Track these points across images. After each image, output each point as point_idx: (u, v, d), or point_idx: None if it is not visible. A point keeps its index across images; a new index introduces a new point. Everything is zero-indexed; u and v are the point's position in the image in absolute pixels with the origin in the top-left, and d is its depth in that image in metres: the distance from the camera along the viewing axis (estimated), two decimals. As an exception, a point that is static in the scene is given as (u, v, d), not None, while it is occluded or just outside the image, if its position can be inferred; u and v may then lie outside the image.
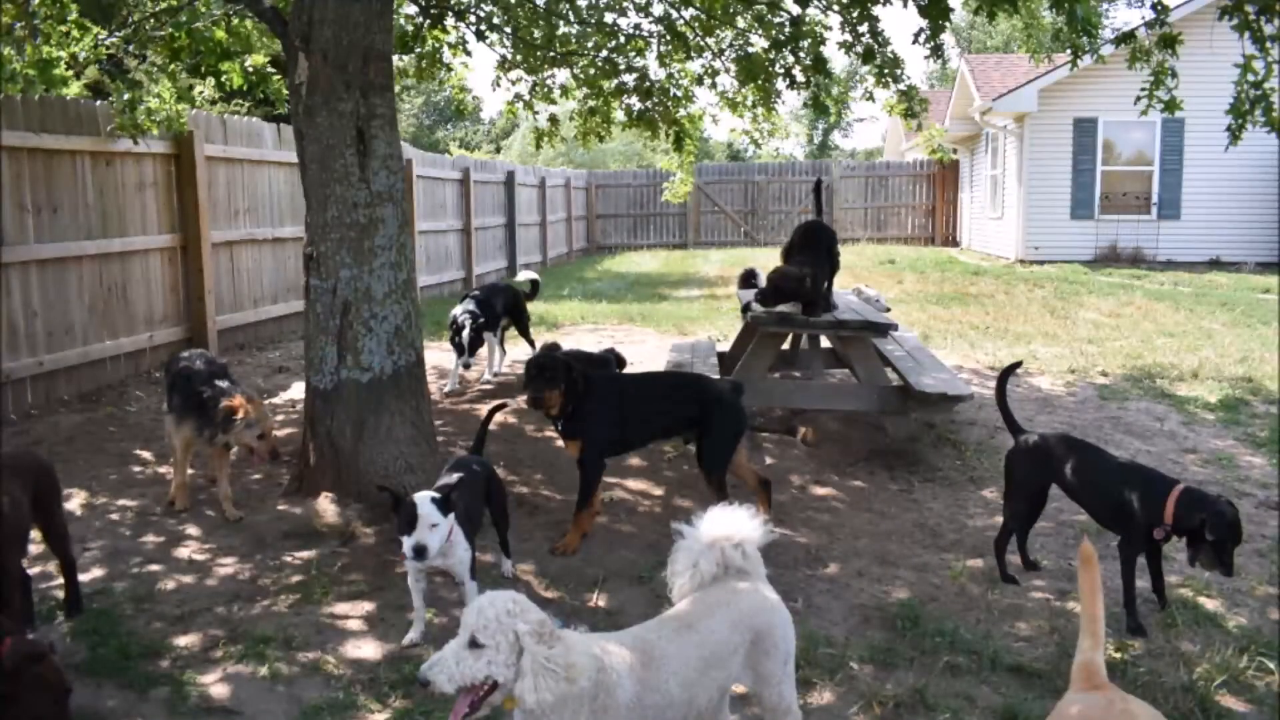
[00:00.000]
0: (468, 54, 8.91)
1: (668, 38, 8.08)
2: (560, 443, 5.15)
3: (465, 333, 7.63)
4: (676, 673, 2.49)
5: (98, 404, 7.24)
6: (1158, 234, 18.30)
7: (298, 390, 7.39)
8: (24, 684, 2.67)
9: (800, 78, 7.36)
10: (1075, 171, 18.64)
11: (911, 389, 5.98)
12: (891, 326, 6.30)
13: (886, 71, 6.69)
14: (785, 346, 7.59)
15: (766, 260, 12.29)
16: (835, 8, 6.67)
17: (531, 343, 8.66)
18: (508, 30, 8.44)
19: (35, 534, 3.80)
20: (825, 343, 7.68)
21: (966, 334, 10.50)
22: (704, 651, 2.55)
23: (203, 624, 3.86)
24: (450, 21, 8.34)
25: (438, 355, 8.88)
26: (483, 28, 8.30)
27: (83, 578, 4.12)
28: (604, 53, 8.50)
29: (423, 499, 3.49)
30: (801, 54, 7.14)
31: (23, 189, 6.85)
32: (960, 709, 3.27)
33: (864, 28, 6.43)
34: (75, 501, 5.16)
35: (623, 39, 8.37)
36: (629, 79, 8.55)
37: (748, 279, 8.48)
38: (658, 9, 8.14)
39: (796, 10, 6.88)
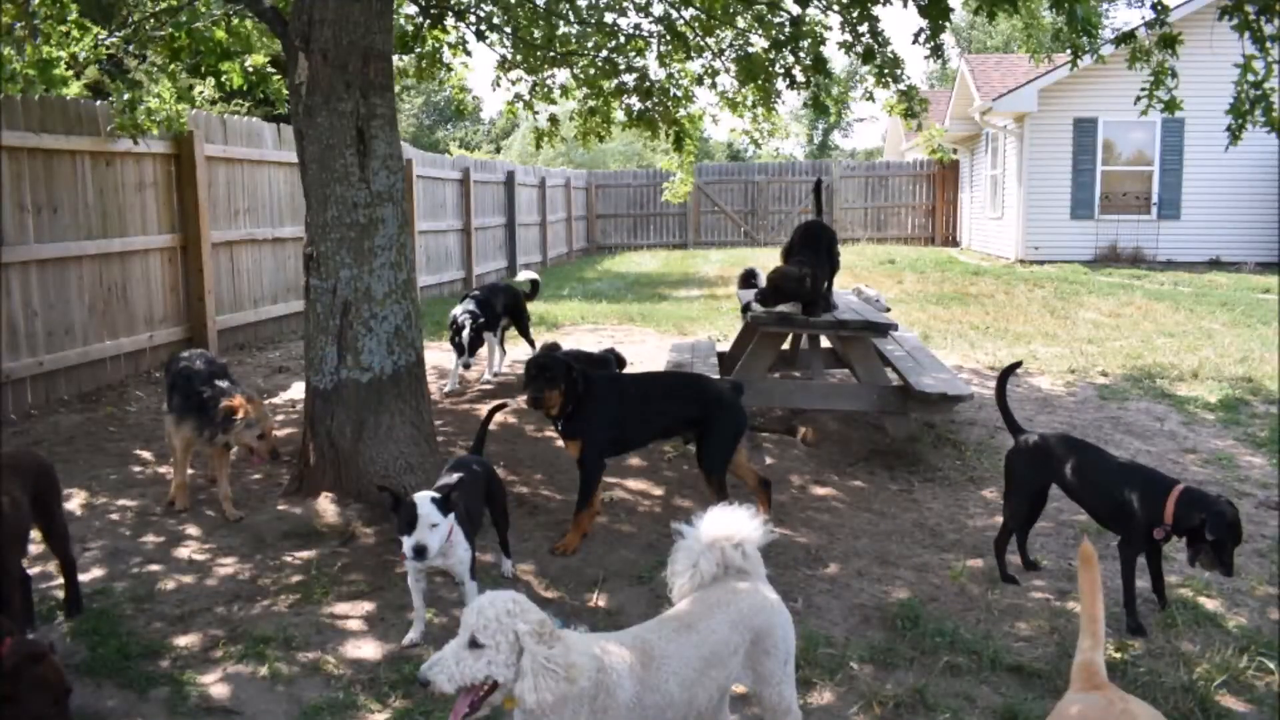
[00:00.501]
0: (468, 54, 8.92)
1: (668, 38, 8.08)
2: (560, 443, 5.15)
3: (465, 333, 7.64)
4: (676, 673, 2.49)
5: (98, 404, 7.24)
6: (1158, 234, 18.30)
7: (298, 390, 7.39)
8: (24, 684, 2.67)
9: (800, 78, 7.37)
10: (1075, 171, 18.64)
11: (911, 389, 5.98)
12: (891, 326, 6.31)
13: (886, 71, 6.69)
14: (785, 346, 7.59)
15: (766, 260, 12.31)
16: (835, 8, 6.67)
17: (531, 343, 8.66)
18: (508, 30, 8.44)
19: (35, 534, 3.80)
20: (825, 343, 7.68)
21: (966, 334, 10.50)
22: (704, 651, 2.55)
23: (203, 624, 3.86)
24: (450, 21, 8.34)
25: (438, 355, 8.88)
26: (483, 28, 8.30)
27: (83, 578, 4.12)
28: (604, 53, 8.50)
29: (423, 499, 3.49)
30: (801, 54, 7.14)
31: (23, 189, 6.85)
32: (960, 709, 3.27)
33: (864, 28, 6.44)
34: (75, 501, 5.16)
35: (623, 39, 8.37)
36: (629, 79, 8.55)
37: (748, 279, 8.48)
38: (658, 9, 8.15)
39: (796, 10, 6.88)
